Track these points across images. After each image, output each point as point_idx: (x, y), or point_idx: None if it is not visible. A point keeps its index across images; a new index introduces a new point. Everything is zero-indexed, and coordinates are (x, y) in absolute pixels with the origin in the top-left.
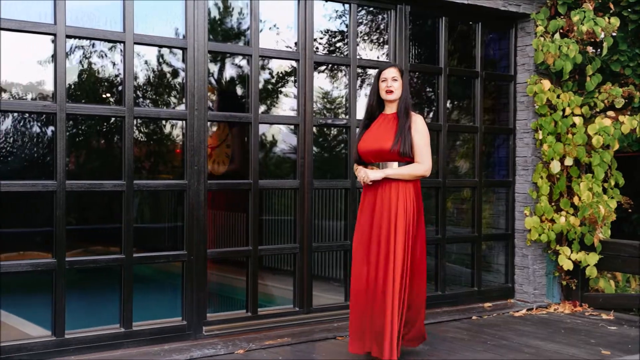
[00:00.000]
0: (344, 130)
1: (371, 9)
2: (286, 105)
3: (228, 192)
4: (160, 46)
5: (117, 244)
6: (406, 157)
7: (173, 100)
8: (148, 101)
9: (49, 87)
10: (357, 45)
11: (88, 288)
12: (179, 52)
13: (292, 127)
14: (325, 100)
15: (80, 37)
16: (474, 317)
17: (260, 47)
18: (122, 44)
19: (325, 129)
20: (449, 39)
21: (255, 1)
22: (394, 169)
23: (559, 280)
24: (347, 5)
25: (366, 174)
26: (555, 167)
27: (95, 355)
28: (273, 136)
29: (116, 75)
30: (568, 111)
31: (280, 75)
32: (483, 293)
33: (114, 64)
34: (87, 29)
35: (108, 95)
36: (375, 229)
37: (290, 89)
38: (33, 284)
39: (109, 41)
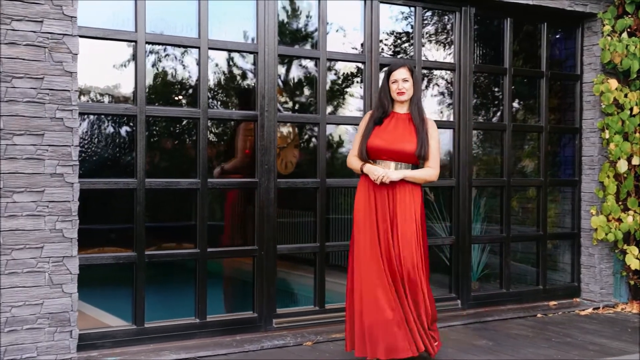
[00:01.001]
0: None
1: (436, 10)
2: (351, 105)
3: (295, 190)
4: (233, 51)
5: (188, 241)
6: (421, 161)
7: (241, 101)
8: (218, 103)
9: (124, 90)
10: (422, 46)
11: (164, 283)
12: (248, 54)
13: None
14: None
15: (159, 44)
16: (538, 315)
17: (327, 50)
18: (197, 49)
19: None
20: (514, 40)
21: (323, 5)
22: (411, 172)
23: (626, 280)
24: (412, 8)
25: (386, 174)
26: (623, 166)
27: (171, 344)
28: (339, 136)
29: (188, 78)
30: (636, 110)
31: (346, 76)
32: (548, 291)
33: (184, 67)
34: (166, 35)
35: (180, 97)
36: (394, 230)
37: (355, 89)
38: (110, 278)
39: (185, 47)
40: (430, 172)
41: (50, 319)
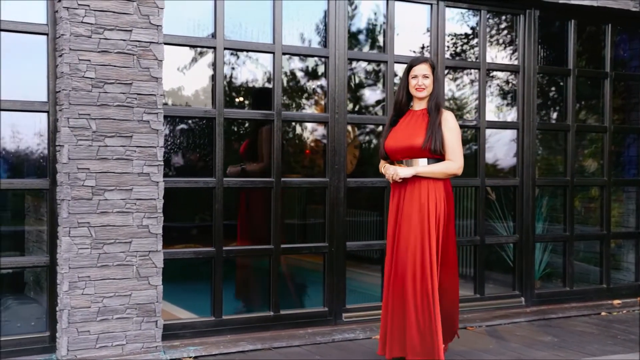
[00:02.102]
0: (473, 130)
1: (499, 13)
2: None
3: (361, 189)
4: (305, 56)
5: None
6: (437, 155)
7: (312, 104)
8: (293, 105)
9: (186, 93)
10: (487, 49)
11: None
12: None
13: None
14: (451, 100)
15: (236, 50)
16: (602, 313)
17: (395, 53)
18: (271, 55)
19: None
20: (577, 41)
21: (391, 9)
22: (424, 166)
23: None
24: (476, 11)
25: (395, 171)
26: None
27: (247, 335)
28: None
29: (257, 81)
30: None
31: None
32: (612, 290)
33: (256, 70)
34: (243, 42)
35: (248, 100)
36: (403, 230)
37: None
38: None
39: (260, 52)
40: (448, 164)
41: (138, 309)
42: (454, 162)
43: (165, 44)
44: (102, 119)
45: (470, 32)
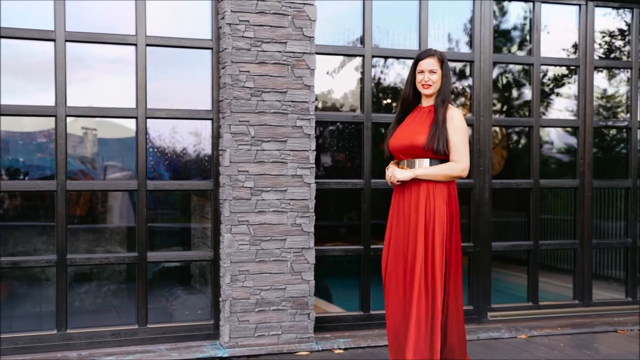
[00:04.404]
0: (624, 131)
1: None
2: (560, 105)
3: (508, 190)
4: (452, 60)
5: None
6: (440, 155)
7: (460, 104)
8: None
9: (336, 96)
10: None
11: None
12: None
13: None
14: (602, 99)
15: (383, 57)
16: None
17: (542, 55)
18: None
19: (602, 129)
20: None
21: (538, 12)
22: (424, 169)
23: None
24: (629, 10)
25: (393, 173)
26: None
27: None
28: (548, 134)
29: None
30: None
31: (556, 77)
32: None
33: (397, 75)
34: (389, 49)
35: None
36: (401, 236)
37: (563, 89)
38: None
39: (408, 58)
40: (451, 166)
41: (292, 302)
42: (457, 164)
43: (317, 53)
44: (260, 125)
45: (622, 30)
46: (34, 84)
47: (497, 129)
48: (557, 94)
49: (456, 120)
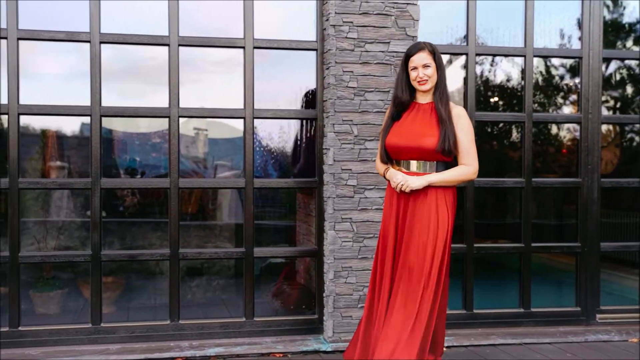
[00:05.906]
0: None
1: None
2: None
3: (620, 190)
4: (557, 57)
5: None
6: (448, 157)
7: (568, 102)
8: (536, 105)
9: None
10: None
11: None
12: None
13: None
14: None
15: (487, 55)
16: None
17: None
18: (522, 58)
19: None
20: None
21: None
22: (438, 176)
23: None
24: None
25: (405, 181)
26: None
27: (498, 329)
28: None
29: (514, 79)
30: None
31: None
32: None
33: (504, 73)
34: (493, 47)
35: (497, 100)
36: (406, 239)
37: None
38: None
39: (512, 56)
40: (464, 170)
41: None
42: (468, 167)
43: None
44: (363, 124)
45: None
46: (149, 87)
47: (611, 126)
48: None
49: (463, 121)
